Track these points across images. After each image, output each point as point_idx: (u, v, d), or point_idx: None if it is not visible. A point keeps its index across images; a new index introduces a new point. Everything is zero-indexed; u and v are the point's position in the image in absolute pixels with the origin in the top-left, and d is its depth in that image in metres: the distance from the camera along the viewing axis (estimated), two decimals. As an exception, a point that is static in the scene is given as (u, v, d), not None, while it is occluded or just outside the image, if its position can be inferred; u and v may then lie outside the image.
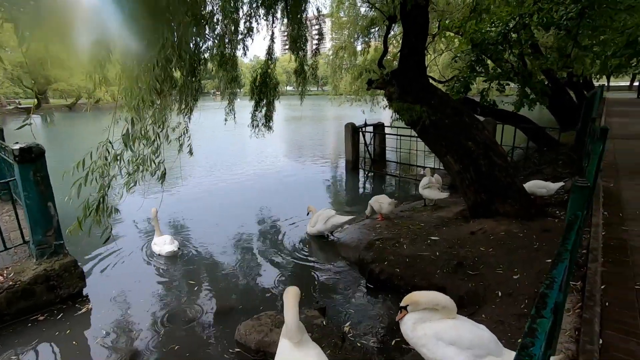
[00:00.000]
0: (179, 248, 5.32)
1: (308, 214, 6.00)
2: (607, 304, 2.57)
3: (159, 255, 5.25)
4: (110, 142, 3.28)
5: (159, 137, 3.71)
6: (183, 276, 4.81)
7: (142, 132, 3.42)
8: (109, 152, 3.27)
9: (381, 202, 5.79)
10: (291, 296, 2.29)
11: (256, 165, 11.72)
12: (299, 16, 5.78)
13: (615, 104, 18.69)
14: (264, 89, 6.46)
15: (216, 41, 5.29)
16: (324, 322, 3.35)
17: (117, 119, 3.35)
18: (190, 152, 4.81)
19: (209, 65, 5.79)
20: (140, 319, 3.86)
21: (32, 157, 3.77)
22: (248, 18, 5.75)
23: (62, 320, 3.80)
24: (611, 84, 37.75)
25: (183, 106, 4.37)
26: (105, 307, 4.06)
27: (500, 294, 3.43)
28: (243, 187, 9.13)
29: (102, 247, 5.57)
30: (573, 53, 5.84)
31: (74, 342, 3.47)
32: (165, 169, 3.98)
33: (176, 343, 3.48)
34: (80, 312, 3.93)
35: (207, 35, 4.87)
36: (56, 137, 19.35)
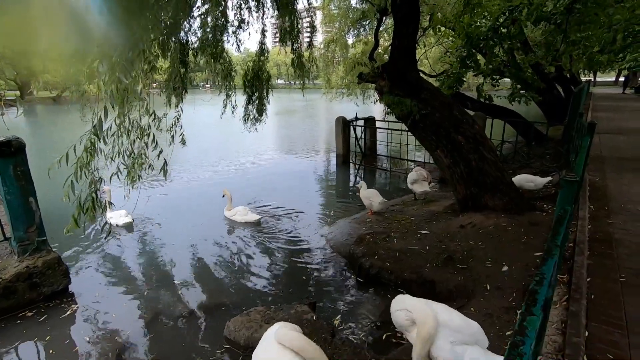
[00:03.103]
0: (133, 220, 6.11)
1: (223, 196, 6.65)
2: (592, 296, 2.61)
3: (116, 225, 5.90)
4: (95, 135, 3.14)
5: (146, 128, 3.59)
6: (170, 272, 4.74)
7: (128, 123, 3.30)
8: (93, 145, 3.13)
9: (372, 200, 5.79)
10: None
11: (245, 159, 11.61)
12: (289, 7, 5.69)
13: (602, 99, 19.01)
14: (257, 82, 6.39)
15: (208, 32, 5.20)
16: (314, 317, 3.34)
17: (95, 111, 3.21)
18: (183, 142, 4.79)
19: (199, 56, 5.70)
20: (127, 318, 3.78)
21: (12, 151, 3.64)
22: (238, 9, 5.65)
23: (44, 322, 3.65)
24: (597, 79, 38.38)
25: (172, 97, 4.28)
26: (89, 307, 3.93)
27: (489, 287, 3.45)
28: (231, 181, 9.03)
29: (82, 239, 5.50)
30: (562, 48, 5.87)
31: (51, 351, 3.29)
32: (166, 162, 3.87)
33: (164, 341, 3.43)
34: (65, 314, 3.79)
35: (197, 26, 4.77)
36: (39, 130, 18.89)
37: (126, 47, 2.65)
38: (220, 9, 5.30)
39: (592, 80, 31.37)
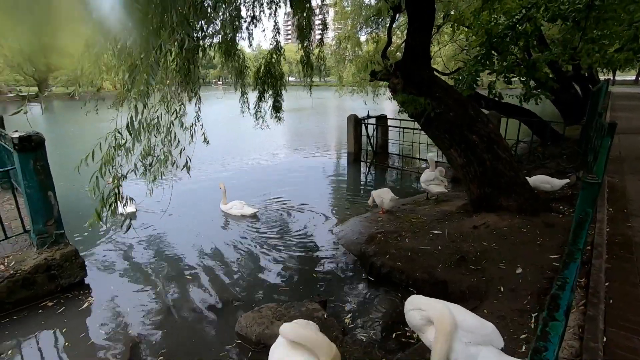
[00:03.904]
0: (137, 210, 6.32)
1: (220, 188, 6.80)
2: (611, 300, 2.55)
3: (120, 214, 5.74)
4: (119, 132, 3.19)
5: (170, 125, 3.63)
6: (180, 266, 4.81)
7: (149, 121, 3.34)
8: (118, 143, 3.19)
9: (383, 197, 5.75)
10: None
11: (257, 156, 11.66)
12: (303, 3, 5.67)
13: (621, 98, 18.50)
14: (270, 80, 6.39)
15: (221, 29, 5.22)
16: (325, 315, 3.35)
17: (117, 107, 3.28)
18: (207, 142, 4.89)
19: (211, 53, 5.73)
20: (140, 311, 3.85)
21: (32, 145, 3.74)
22: (251, 6, 5.66)
23: (62, 314, 3.74)
24: (617, 77, 37.35)
25: (192, 95, 4.33)
26: (104, 300, 4.01)
27: (502, 289, 3.41)
28: (242, 179, 9.09)
29: (98, 233, 5.63)
30: (580, 46, 5.72)
31: (67, 343, 3.36)
32: (189, 160, 3.92)
33: (176, 335, 3.48)
34: (82, 306, 3.88)
35: (211, 20, 4.80)
36: (54, 125, 19.29)
37: (150, 48, 2.69)
38: (234, 5, 5.32)
39: (611, 79, 30.54)
